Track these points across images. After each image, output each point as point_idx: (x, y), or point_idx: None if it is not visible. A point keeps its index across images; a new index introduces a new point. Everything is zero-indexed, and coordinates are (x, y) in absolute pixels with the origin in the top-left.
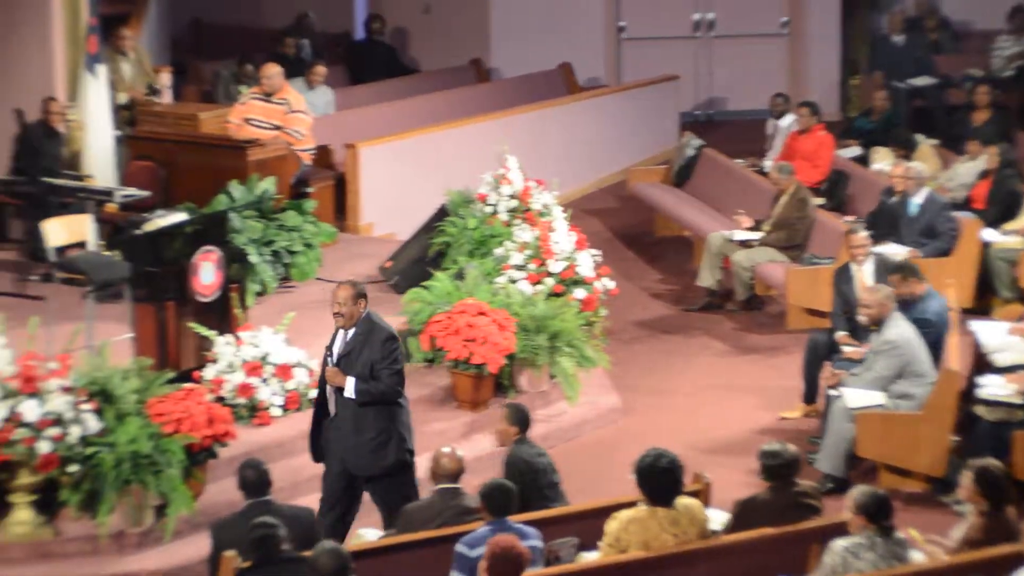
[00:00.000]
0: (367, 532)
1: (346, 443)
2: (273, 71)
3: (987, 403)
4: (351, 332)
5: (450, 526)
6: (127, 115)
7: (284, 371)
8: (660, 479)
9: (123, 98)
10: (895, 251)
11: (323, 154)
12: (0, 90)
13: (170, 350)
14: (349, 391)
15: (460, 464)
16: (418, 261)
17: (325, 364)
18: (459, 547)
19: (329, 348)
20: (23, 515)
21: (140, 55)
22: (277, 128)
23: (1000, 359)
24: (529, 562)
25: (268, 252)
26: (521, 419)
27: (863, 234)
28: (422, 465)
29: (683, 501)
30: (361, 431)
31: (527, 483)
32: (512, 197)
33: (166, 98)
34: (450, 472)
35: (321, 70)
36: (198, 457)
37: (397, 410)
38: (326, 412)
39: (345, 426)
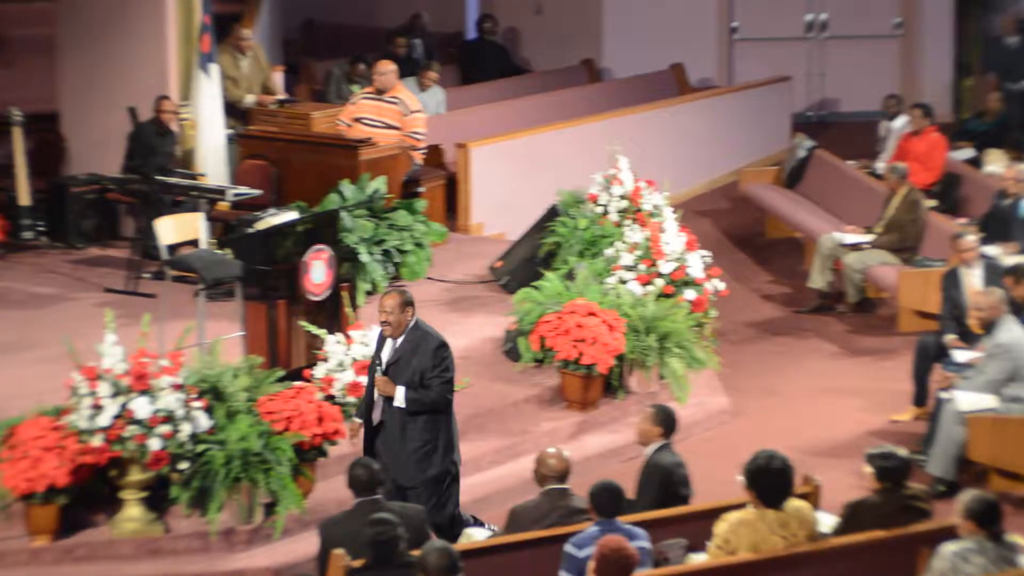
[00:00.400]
0: (476, 532)
1: (391, 452)
2: (387, 68)
3: None
4: (399, 340)
5: (558, 526)
6: (250, 116)
7: None
8: (771, 481)
9: (250, 99)
10: (1002, 253)
11: (434, 154)
12: (114, 88)
13: (280, 348)
14: (399, 400)
15: (567, 464)
16: (528, 261)
17: (372, 372)
18: (568, 547)
19: (377, 356)
20: (133, 511)
21: (258, 55)
22: (388, 126)
23: None
24: (637, 563)
25: (379, 251)
26: (666, 421)
27: (971, 238)
28: (526, 466)
29: (793, 503)
30: (407, 440)
31: (662, 490)
32: (623, 198)
33: (269, 100)
34: (557, 472)
35: (433, 75)
36: (308, 455)
37: (444, 420)
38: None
39: (391, 435)
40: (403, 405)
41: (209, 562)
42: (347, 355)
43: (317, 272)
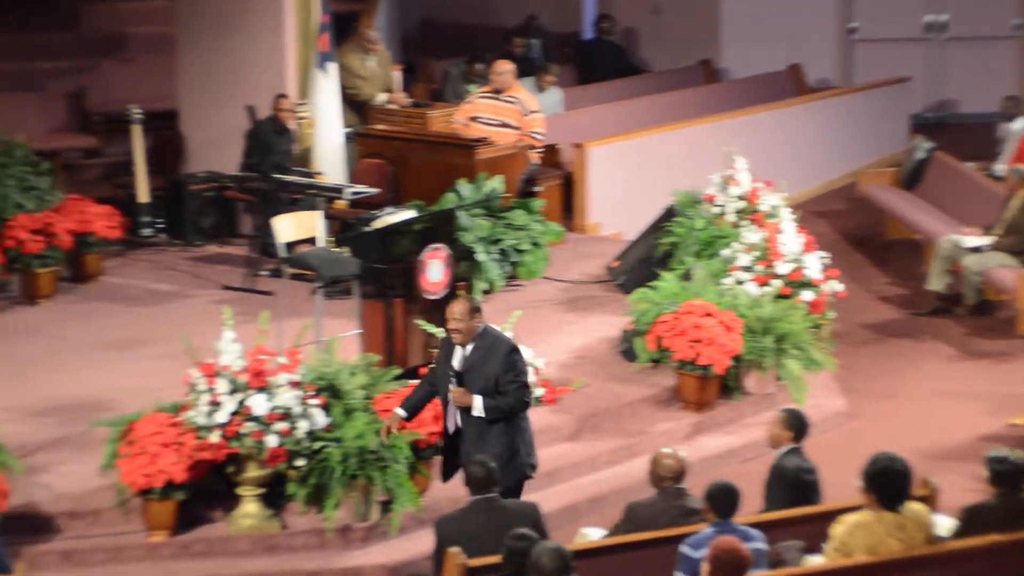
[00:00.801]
0: (590, 531)
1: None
2: (504, 68)
3: None
4: (469, 348)
5: (674, 527)
6: (368, 115)
7: None
8: (890, 483)
9: (381, 98)
10: None
11: (551, 153)
12: (232, 86)
13: (397, 347)
14: (478, 410)
15: (683, 464)
16: (645, 261)
17: (435, 378)
18: (683, 548)
19: (446, 366)
20: (251, 508)
21: (383, 54)
22: (505, 125)
23: None
24: (751, 565)
25: (495, 250)
26: (797, 425)
27: None
28: (642, 466)
29: (910, 506)
30: (486, 448)
31: (788, 493)
32: (740, 198)
33: (403, 100)
34: (673, 473)
35: (551, 77)
36: (424, 453)
37: (521, 424)
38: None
39: (470, 444)
40: (482, 414)
41: (325, 559)
42: None
43: (434, 271)
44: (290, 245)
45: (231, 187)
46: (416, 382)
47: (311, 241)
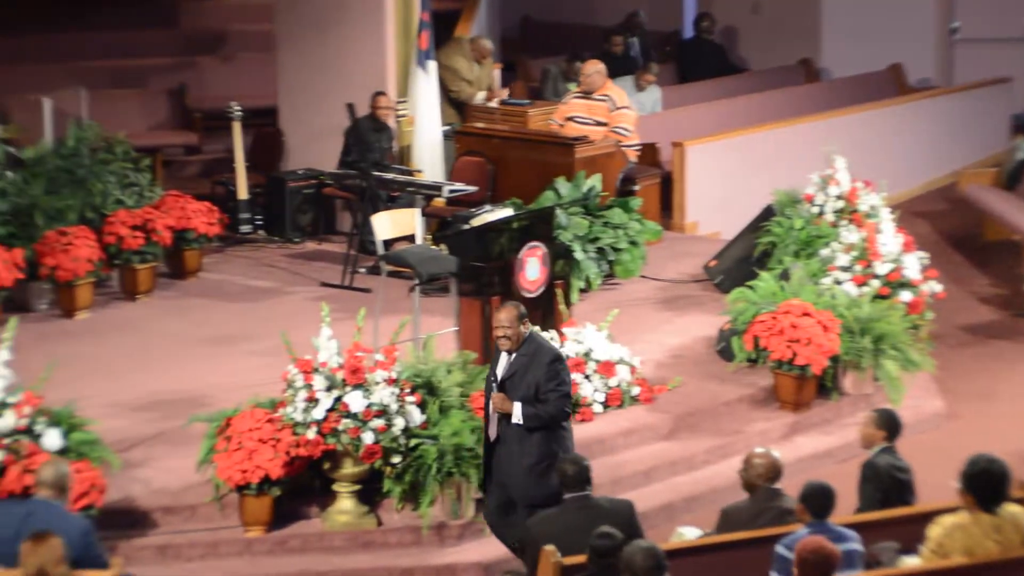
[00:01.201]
0: (686, 531)
1: (510, 470)
2: (592, 69)
3: None
4: (514, 354)
5: (769, 527)
6: (466, 113)
7: (607, 368)
8: (989, 485)
9: (480, 96)
10: None
11: (649, 152)
12: (332, 84)
13: (494, 345)
14: (517, 417)
15: (776, 464)
16: (743, 260)
17: (489, 389)
18: (779, 548)
19: (491, 372)
20: (346, 504)
21: (488, 59)
22: (600, 124)
23: None
24: (839, 564)
25: (593, 249)
26: (890, 424)
27: None
28: (738, 466)
29: (1008, 508)
30: (524, 456)
31: (883, 492)
32: (839, 198)
33: (498, 96)
34: (765, 474)
35: (650, 77)
36: None
37: (561, 434)
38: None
39: (509, 452)
40: (520, 421)
41: (420, 556)
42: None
43: (531, 269)
44: (388, 242)
45: (330, 184)
46: None
47: (409, 238)
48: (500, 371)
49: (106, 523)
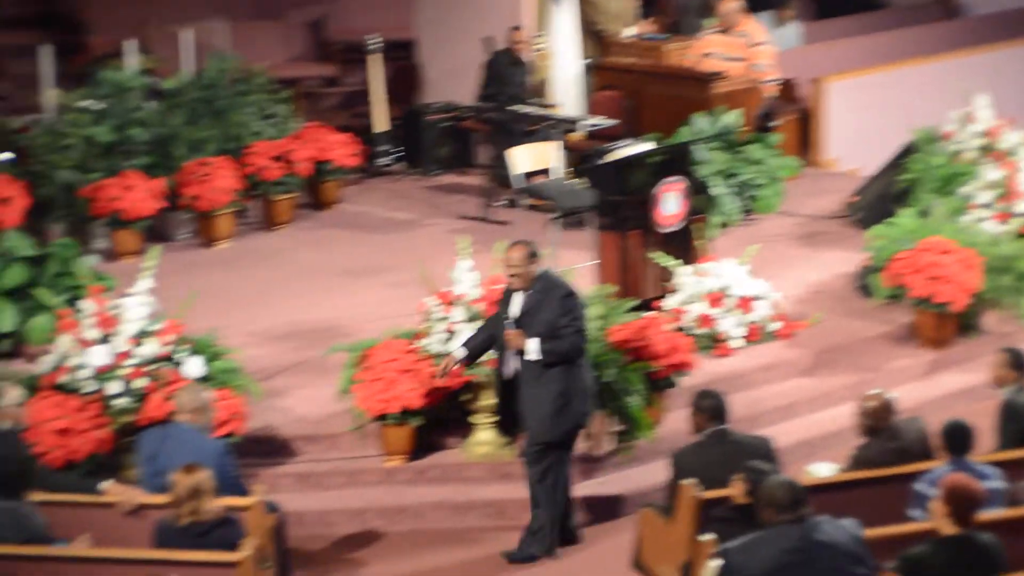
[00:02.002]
0: (818, 467)
1: (527, 408)
2: (729, 7)
3: None
4: (527, 293)
5: (889, 467)
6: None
7: (745, 303)
8: None
9: (628, 32)
10: None
11: (788, 88)
12: (470, 18)
13: (632, 279)
14: (533, 353)
15: (891, 405)
16: (883, 198)
17: (498, 325)
18: (918, 485)
19: (503, 311)
20: (485, 436)
21: None
22: (737, 60)
23: None
24: (984, 502)
25: (732, 184)
26: (1018, 364)
27: None
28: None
29: None
30: (542, 394)
31: (1019, 431)
32: (980, 136)
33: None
34: (883, 414)
35: (790, 12)
36: (658, 385)
37: (577, 370)
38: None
39: (526, 390)
40: (537, 357)
41: None
42: (698, 287)
43: (670, 204)
44: (526, 176)
45: (467, 117)
46: (650, 314)
47: (547, 172)
48: (514, 310)
49: (247, 451)
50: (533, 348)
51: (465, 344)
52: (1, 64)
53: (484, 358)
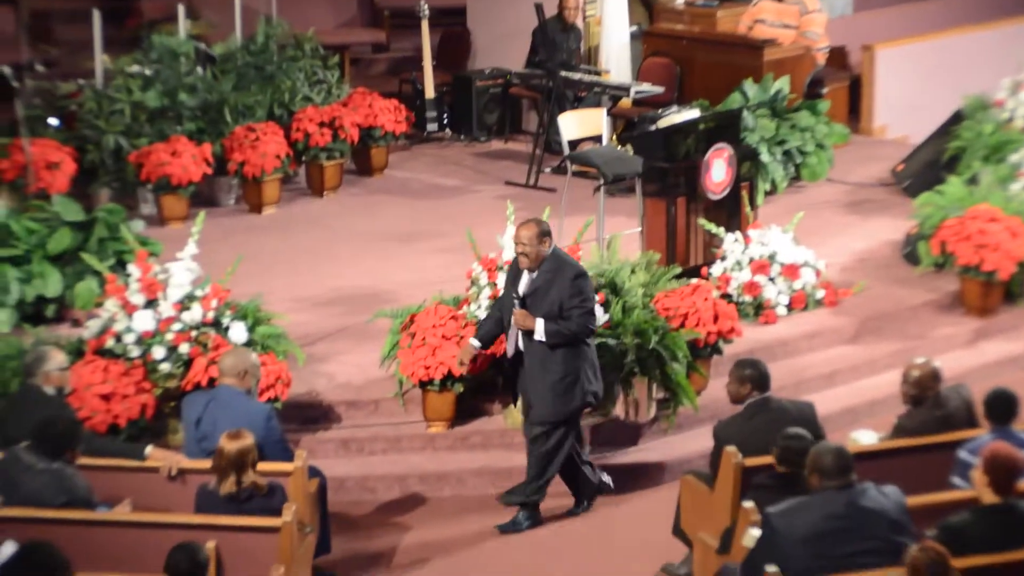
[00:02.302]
0: (861, 435)
1: (532, 387)
2: None
3: None
4: (536, 272)
5: (934, 434)
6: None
7: (791, 271)
8: None
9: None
10: None
11: (838, 55)
12: None
13: (678, 246)
14: (539, 333)
15: (937, 372)
16: (931, 165)
17: (505, 303)
18: (961, 453)
19: (512, 288)
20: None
21: None
22: (788, 27)
23: None
24: None
25: (779, 152)
26: None
27: None
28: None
29: None
30: (547, 373)
31: None
32: None
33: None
34: (929, 383)
35: None
36: (702, 352)
37: (584, 349)
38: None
39: (531, 369)
40: (543, 338)
41: (601, 455)
42: (744, 254)
43: (717, 171)
44: (574, 142)
45: (516, 84)
46: (697, 280)
47: (595, 139)
48: (522, 288)
49: (290, 416)
50: (540, 328)
51: (477, 335)
52: (52, 29)
53: None
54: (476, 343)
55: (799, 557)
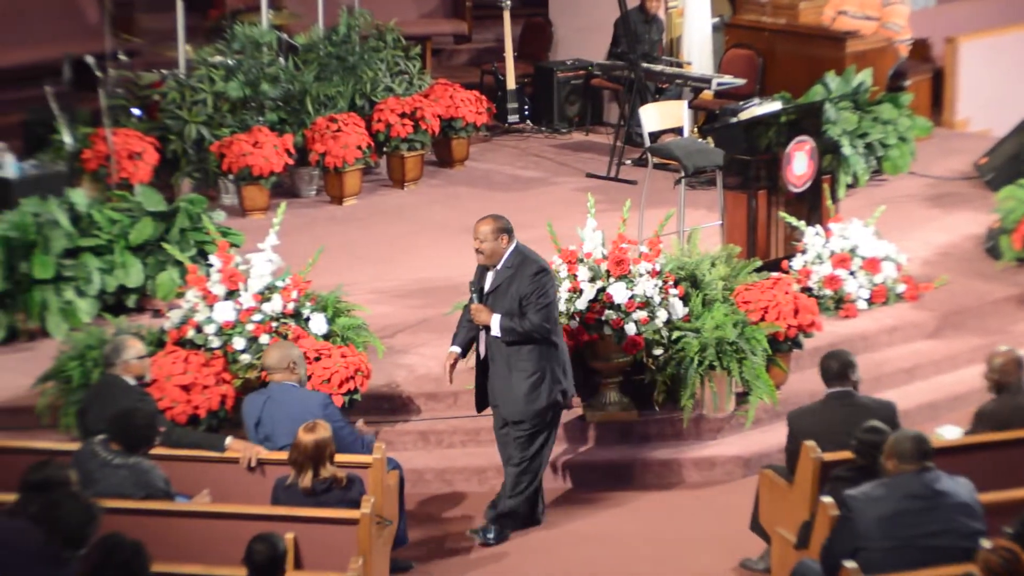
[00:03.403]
0: (946, 431)
1: (498, 385)
2: None
3: None
4: (499, 267)
5: (1013, 422)
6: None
7: (872, 264)
8: None
9: None
10: None
11: (921, 48)
12: None
13: (759, 239)
14: (495, 329)
15: (1019, 362)
16: (1014, 159)
17: (470, 302)
18: None
19: (475, 284)
20: (608, 395)
21: None
22: (870, 19)
23: None
24: None
25: (861, 144)
26: None
27: None
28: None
29: None
30: (513, 372)
31: None
32: None
33: None
34: (1013, 370)
35: None
36: (782, 346)
37: (552, 349)
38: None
39: (497, 368)
40: (498, 334)
41: (678, 449)
42: (825, 248)
43: (799, 164)
44: (655, 134)
45: (598, 75)
46: (777, 274)
47: (676, 131)
48: (487, 285)
49: (370, 408)
50: (495, 324)
51: (454, 341)
52: (135, 19)
53: None
54: (456, 349)
55: (876, 537)
